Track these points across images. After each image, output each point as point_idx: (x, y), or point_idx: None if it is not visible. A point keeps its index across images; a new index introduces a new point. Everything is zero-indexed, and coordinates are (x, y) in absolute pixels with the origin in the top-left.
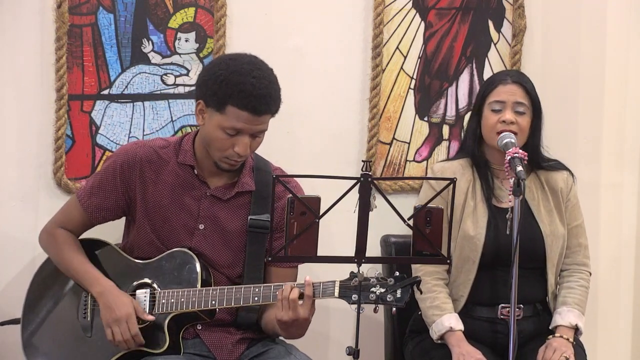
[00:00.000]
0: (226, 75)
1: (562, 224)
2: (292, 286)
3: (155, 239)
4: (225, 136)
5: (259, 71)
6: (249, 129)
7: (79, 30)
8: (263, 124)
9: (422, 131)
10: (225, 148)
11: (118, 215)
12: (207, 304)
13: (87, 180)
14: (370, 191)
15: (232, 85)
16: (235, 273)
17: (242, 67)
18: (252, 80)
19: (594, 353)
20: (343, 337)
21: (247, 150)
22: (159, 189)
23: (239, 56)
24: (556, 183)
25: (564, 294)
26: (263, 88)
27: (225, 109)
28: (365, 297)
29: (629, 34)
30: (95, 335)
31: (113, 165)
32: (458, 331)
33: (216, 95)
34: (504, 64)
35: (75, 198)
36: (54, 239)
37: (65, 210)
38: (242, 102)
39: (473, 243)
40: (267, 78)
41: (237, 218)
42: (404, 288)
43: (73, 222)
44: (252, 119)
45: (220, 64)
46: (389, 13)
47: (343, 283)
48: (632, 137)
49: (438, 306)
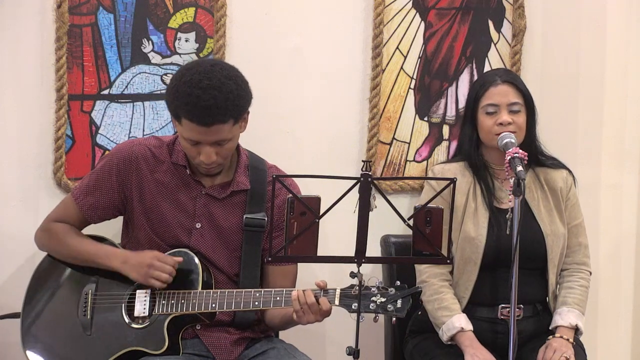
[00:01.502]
0: (178, 87)
1: (563, 224)
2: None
3: (155, 237)
4: (189, 145)
5: (208, 81)
6: (205, 139)
7: (79, 30)
8: (219, 134)
9: (422, 131)
10: (193, 156)
11: (114, 215)
12: (207, 307)
13: (83, 178)
14: (370, 191)
15: (181, 97)
16: (233, 271)
17: (192, 77)
18: (198, 92)
19: (594, 353)
20: (343, 337)
21: (211, 159)
22: (155, 188)
23: (195, 64)
24: (555, 182)
25: (564, 294)
26: (209, 99)
27: (181, 120)
28: (366, 306)
29: (629, 34)
30: (95, 334)
31: (109, 164)
32: (469, 331)
33: (171, 106)
34: (504, 64)
35: (71, 197)
36: (53, 232)
37: (61, 208)
38: (189, 114)
39: (474, 244)
40: (217, 88)
41: (232, 217)
42: (405, 298)
43: (68, 219)
44: (203, 130)
45: (177, 74)
46: (389, 13)
47: (344, 291)
48: (632, 137)
49: (447, 307)
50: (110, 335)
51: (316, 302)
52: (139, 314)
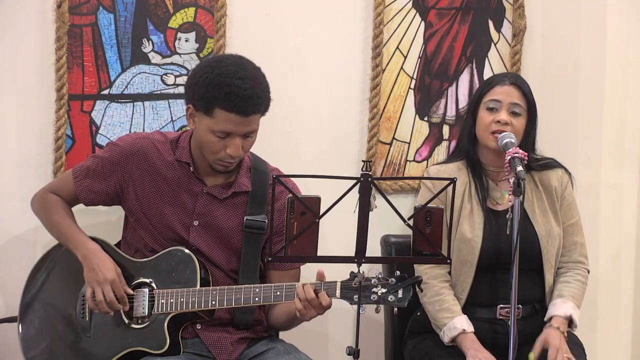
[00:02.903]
0: (212, 79)
1: (558, 224)
2: (302, 286)
3: (154, 231)
4: (216, 139)
5: (244, 71)
6: (239, 130)
7: (79, 30)
8: (252, 124)
9: (422, 131)
10: (217, 151)
11: (104, 202)
12: (207, 304)
13: (88, 158)
14: (370, 191)
15: (218, 88)
16: (230, 268)
17: (227, 68)
18: (238, 81)
19: (594, 353)
20: (343, 337)
21: (239, 152)
22: (156, 182)
23: (224, 58)
24: (550, 182)
25: (560, 287)
26: (249, 88)
27: (214, 113)
28: (367, 297)
29: (629, 34)
30: (93, 336)
31: (113, 154)
32: (470, 333)
33: (203, 99)
34: (504, 64)
35: (72, 174)
36: (45, 202)
37: (60, 181)
38: (229, 104)
39: (470, 246)
40: (253, 78)
41: (232, 218)
42: (406, 288)
43: (64, 193)
44: (240, 120)
45: (205, 67)
46: (389, 13)
47: (344, 284)
48: (632, 137)
49: (448, 309)
50: (110, 336)
51: (316, 297)
52: (139, 314)
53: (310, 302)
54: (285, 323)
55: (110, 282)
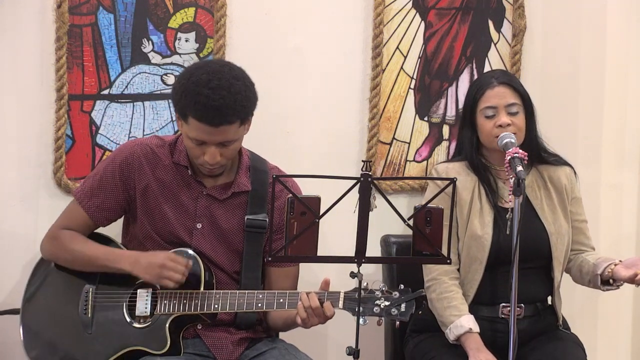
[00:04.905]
0: (186, 86)
1: (567, 221)
2: (307, 294)
3: (156, 236)
4: (194, 145)
5: (218, 81)
6: (212, 139)
7: (79, 30)
8: (226, 134)
9: (422, 131)
10: (197, 156)
11: (119, 215)
12: (209, 307)
13: (85, 181)
14: (370, 191)
15: (190, 96)
16: (234, 269)
17: (201, 77)
18: (208, 91)
19: (594, 353)
20: (343, 337)
21: (215, 159)
22: (157, 187)
23: (205, 64)
24: (559, 180)
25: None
26: (218, 99)
27: (188, 120)
28: (370, 310)
29: (629, 34)
30: (95, 332)
31: (112, 165)
32: (475, 333)
33: (178, 105)
34: (504, 64)
35: (75, 201)
36: (59, 239)
37: (67, 215)
38: (197, 113)
39: (480, 243)
40: (226, 88)
41: (234, 218)
42: (408, 302)
43: (74, 223)
44: (211, 130)
45: (185, 73)
46: (389, 13)
47: (348, 295)
48: (632, 137)
49: (456, 307)
50: (111, 334)
51: (320, 306)
52: (141, 314)
53: (314, 310)
54: (282, 328)
55: (166, 258)
